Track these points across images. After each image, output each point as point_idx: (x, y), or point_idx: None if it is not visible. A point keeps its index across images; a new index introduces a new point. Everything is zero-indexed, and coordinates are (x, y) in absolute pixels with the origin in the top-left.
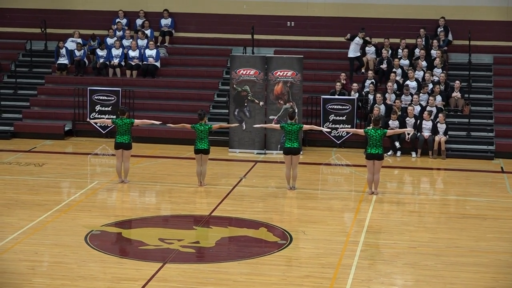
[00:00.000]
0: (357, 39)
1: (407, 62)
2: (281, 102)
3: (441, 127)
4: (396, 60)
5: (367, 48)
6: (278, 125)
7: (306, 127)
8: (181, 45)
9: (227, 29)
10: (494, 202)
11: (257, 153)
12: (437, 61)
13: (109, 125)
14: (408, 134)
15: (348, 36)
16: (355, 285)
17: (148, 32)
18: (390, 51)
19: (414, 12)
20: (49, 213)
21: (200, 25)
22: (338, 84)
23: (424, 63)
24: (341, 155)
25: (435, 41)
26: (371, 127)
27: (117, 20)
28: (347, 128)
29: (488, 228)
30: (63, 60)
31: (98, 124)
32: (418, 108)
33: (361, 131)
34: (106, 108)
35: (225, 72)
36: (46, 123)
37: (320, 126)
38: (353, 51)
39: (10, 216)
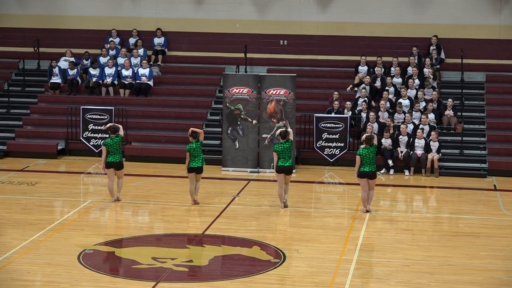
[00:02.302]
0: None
1: (399, 80)
2: (274, 120)
3: (434, 145)
4: (389, 78)
5: (359, 67)
6: (275, 153)
7: (290, 133)
8: (174, 64)
9: (220, 47)
10: (487, 220)
11: (250, 172)
12: (427, 84)
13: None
14: (401, 152)
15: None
16: None
17: (141, 51)
18: (383, 69)
19: (406, 30)
20: (42, 232)
21: (193, 43)
22: (336, 102)
23: (417, 81)
24: (334, 173)
25: (427, 59)
26: (363, 146)
27: (110, 39)
28: (340, 146)
29: (481, 246)
30: (56, 79)
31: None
32: (411, 126)
33: (357, 161)
34: (99, 127)
35: (218, 91)
36: (39, 142)
37: (314, 145)
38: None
39: (3, 236)
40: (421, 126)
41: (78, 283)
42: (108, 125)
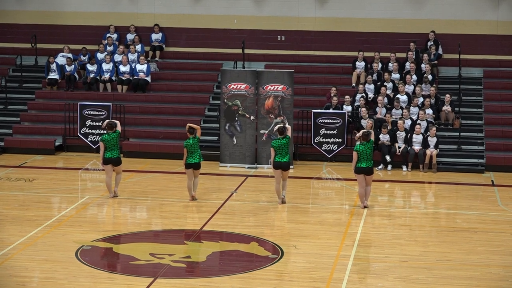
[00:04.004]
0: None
1: (397, 75)
2: (272, 116)
3: (432, 140)
4: (387, 74)
5: (357, 63)
6: (272, 149)
7: (288, 129)
8: (171, 59)
9: (218, 43)
10: (485, 215)
11: (248, 168)
12: (425, 80)
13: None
14: (399, 147)
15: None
16: None
17: (138, 47)
18: (380, 65)
19: (404, 26)
20: (40, 229)
21: (190, 39)
22: (335, 98)
23: (414, 77)
24: (332, 169)
25: (425, 55)
26: (359, 143)
27: (108, 35)
28: (338, 141)
29: (479, 241)
30: (54, 75)
31: (87, 138)
32: (408, 121)
33: (354, 157)
34: (97, 123)
35: (215, 87)
36: (36, 138)
37: (311, 141)
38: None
39: (0, 232)
40: (418, 121)
41: (76, 279)
42: (105, 122)
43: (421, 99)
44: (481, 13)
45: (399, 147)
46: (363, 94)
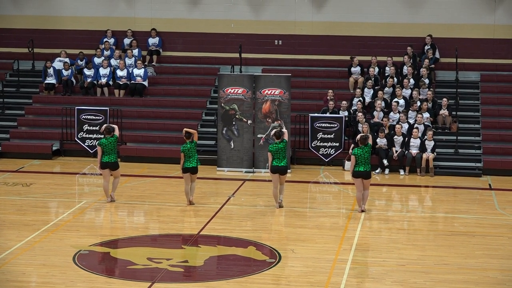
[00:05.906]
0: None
1: (394, 80)
2: (269, 120)
3: (429, 144)
4: (391, 79)
5: (353, 69)
6: (269, 154)
7: (285, 133)
8: (168, 64)
9: (215, 48)
10: (482, 219)
11: (245, 172)
12: (421, 84)
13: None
14: (396, 151)
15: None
16: None
17: (135, 51)
18: (376, 69)
19: (401, 30)
20: (37, 233)
21: (187, 44)
22: (331, 102)
23: (411, 81)
24: (330, 173)
25: (426, 60)
26: (351, 147)
27: (105, 39)
28: (335, 145)
29: (476, 245)
30: (51, 80)
31: (84, 143)
32: (405, 125)
33: (352, 161)
34: (94, 128)
35: (213, 91)
36: (33, 143)
37: (309, 145)
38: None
39: None
40: (416, 125)
41: (73, 284)
42: (103, 126)
43: (418, 103)
44: (478, 17)
45: (396, 151)
46: (361, 98)
